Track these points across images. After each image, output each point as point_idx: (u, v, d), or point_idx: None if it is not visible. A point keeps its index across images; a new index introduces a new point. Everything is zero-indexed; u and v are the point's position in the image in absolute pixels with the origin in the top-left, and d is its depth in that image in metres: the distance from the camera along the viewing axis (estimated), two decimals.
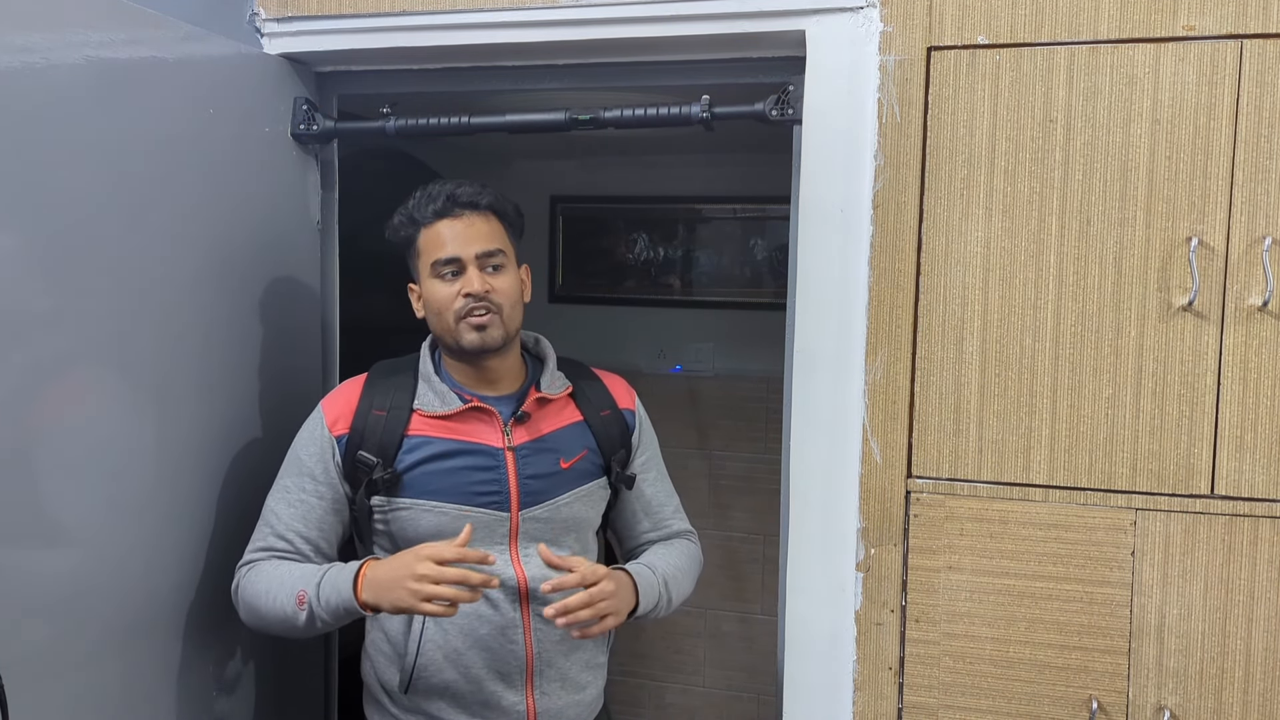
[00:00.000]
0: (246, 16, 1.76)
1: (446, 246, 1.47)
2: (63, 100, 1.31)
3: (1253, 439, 1.43)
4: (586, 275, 3.23)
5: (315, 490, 1.50)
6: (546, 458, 1.52)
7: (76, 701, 1.36)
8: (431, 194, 1.50)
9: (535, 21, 1.66)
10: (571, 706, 1.55)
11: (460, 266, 1.47)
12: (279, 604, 1.43)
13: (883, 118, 1.52)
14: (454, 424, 1.50)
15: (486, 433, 1.50)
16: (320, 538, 1.51)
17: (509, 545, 1.49)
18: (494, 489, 1.48)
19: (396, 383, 1.53)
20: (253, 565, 1.49)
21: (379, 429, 1.48)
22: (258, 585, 1.46)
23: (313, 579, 1.42)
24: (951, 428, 1.53)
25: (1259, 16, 1.38)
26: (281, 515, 1.50)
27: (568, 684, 1.54)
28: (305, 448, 1.51)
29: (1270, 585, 1.43)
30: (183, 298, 1.54)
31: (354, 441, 1.49)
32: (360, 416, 1.50)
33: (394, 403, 1.50)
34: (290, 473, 1.52)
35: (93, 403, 1.39)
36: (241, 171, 1.68)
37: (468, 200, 1.49)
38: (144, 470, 1.48)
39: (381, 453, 1.48)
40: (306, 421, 1.54)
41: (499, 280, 1.49)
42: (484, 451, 1.49)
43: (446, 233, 1.48)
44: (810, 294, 1.59)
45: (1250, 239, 1.41)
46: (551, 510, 1.52)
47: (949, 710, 1.54)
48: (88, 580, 1.38)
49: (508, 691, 1.49)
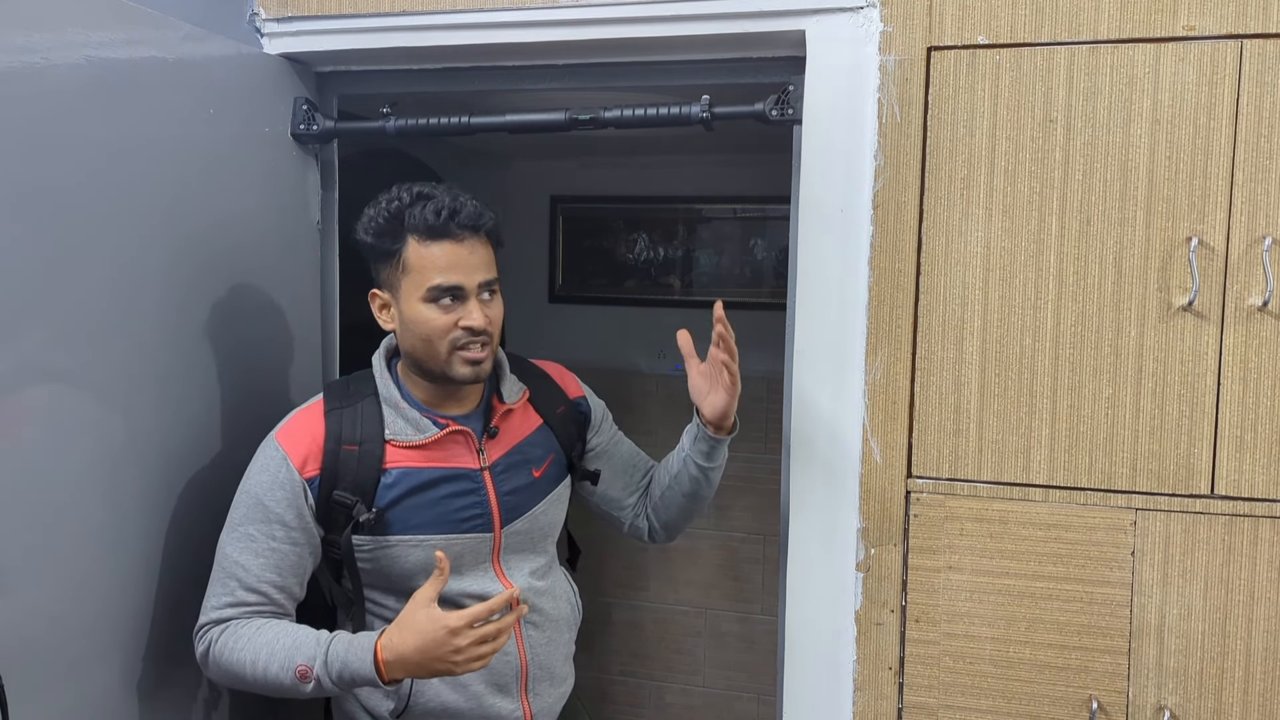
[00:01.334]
0: (246, 16, 1.76)
1: (449, 273, 1.37)
2: (63, 100, 1.31)
3: (1253, 439, 1.43)
4: (586, 275, 3.23)
5: (288, 537, 1.39)
6: (520, 471, 1.51)
7: (75, 698, 1.36)
8: (428, 207, 1.37)
9: (535, 21, 1.66)
10: (558, 701, 1.61)
11: (461, 295, 1.38)
12: (271, 675, 1.33)
13: (883, 118, 1.52)
14: (430, 451, 1.44)
15: (462, 455, 1.46)
16: (295, 584, 1.43)
17: (491, 562, 1.49)
18: (477, 512, 1.45)
19: (360, 412, 1.43)
20: (226, 626, 1.38)
21: (353, 466, 1.39)
22: (240, 654, 1.35)
23: (313, 652, 1.33)
24: (951, 428, 1.53)
25: (1259, 16, 1.38)
26: (250, 567, 1.38)
27: (555, 680, 1.58)
28: (269, 493, 1.39)
29: (1270, 585, 1.43)
30: (182, 298, 1.54)
31: (328, 482, 1.39)
32: (330, 455, 1.39)
33: (364, 435, 1.41)
34: (254, 520, 1.38)
35: (91, 401, 1.38)
36: (241, 171, 1.68)
37: (470, 221, 1.38)
38: (144, 467, 1.48)
39: (360, 492, 1.39)
40: (261, 460, 1.41)
41: (494, 309, 1.42)
42: (463, 476, 1.45)
43: (448, 258, 1.37)
44: (810, 294, 1.59)
45: (1250, 239, 1.41)
46: (530, 521, 1.52)
47: (949, 710, 1.54)
48: (90, 578, 1.38)
49: (505, 700, 1.50)
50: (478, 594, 1.44)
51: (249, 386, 1.70)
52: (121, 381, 1.43)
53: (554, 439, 1.58)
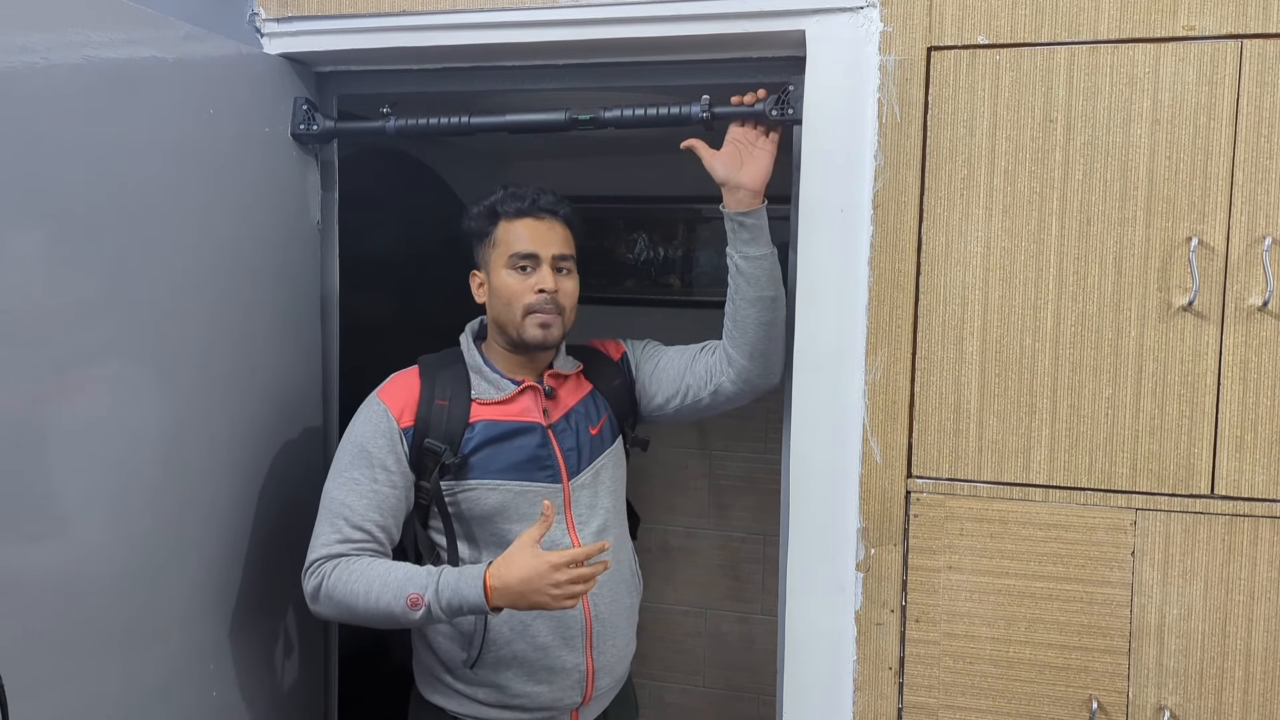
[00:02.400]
0: (246, 16, 1.76)
1: (527, 242, 1.60)
2: (62, 100, 1.31)
3: (1253, 439, 1.43)
4: (586, 275, 3.22)
5: (389, 480, 1.57)
6: (578, 429, 1.66)
7: (75, 698, 1.36)
8: (518, 193, 1.63)
9: (535, 21, 1.66)
10: (620, 662, 1.71)
11: (537, 263, 1.60)
12: (384, 604, 1.47)
13: (883, 118, 1.52)
14: (508, 407, 1.63)
15: (533, 411, 1.64)
16: (394, 525, 1.59)
17: (564, 515, 1.62)
18: (547, 462, 1.61)
19: (451, 374, 1.63)
20: (338, 562, 1.52)
21: (444, 418, 1.59)
22: (353, 585, 1.49)
23: (425, 583, 1.47)
24: (951, 428, 1.53)
25: (1259, 16, 1.38)
26: (355, 507, 1.55)
27: (618, 638, 1.69)
28: (373, 440, 1.57)
29: (1270, 585, 1.43)
30: (182, 298, 1.54)
31: (420, 431, 1.58)
32: (424, 407, 1.59)
33: (453, 393, 1.61)
34: (358, 465, 1.56)
35: (93, 400, 1.38)
36: (241, 171, 1.68)
37: (549, 206, 1.63)
38: (143, 468, 1.48)
39: (448, 440, 1.58)
40: (364, 414, 1.60)
41: (567, 283, 1.64)
42: (534, 429, 1.62)
43: (529, 231, 1.61)
44: (810, 294, 1.59)
45: (1250, 239, 1.41)
46: (592, 475, 1.65)
47: (949, 710, 1.54)
48: (90, 577, 1.38)
49: (570, 654, 1.61)
50: (552, 545, 1.55)
51: (248, 386, 1.70)
52: (115, 380, 1.42)
53: (605, 403, 1.72)
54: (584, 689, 1.63)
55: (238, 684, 1.68)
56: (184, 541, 1.56)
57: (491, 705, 1.62)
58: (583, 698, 1.65)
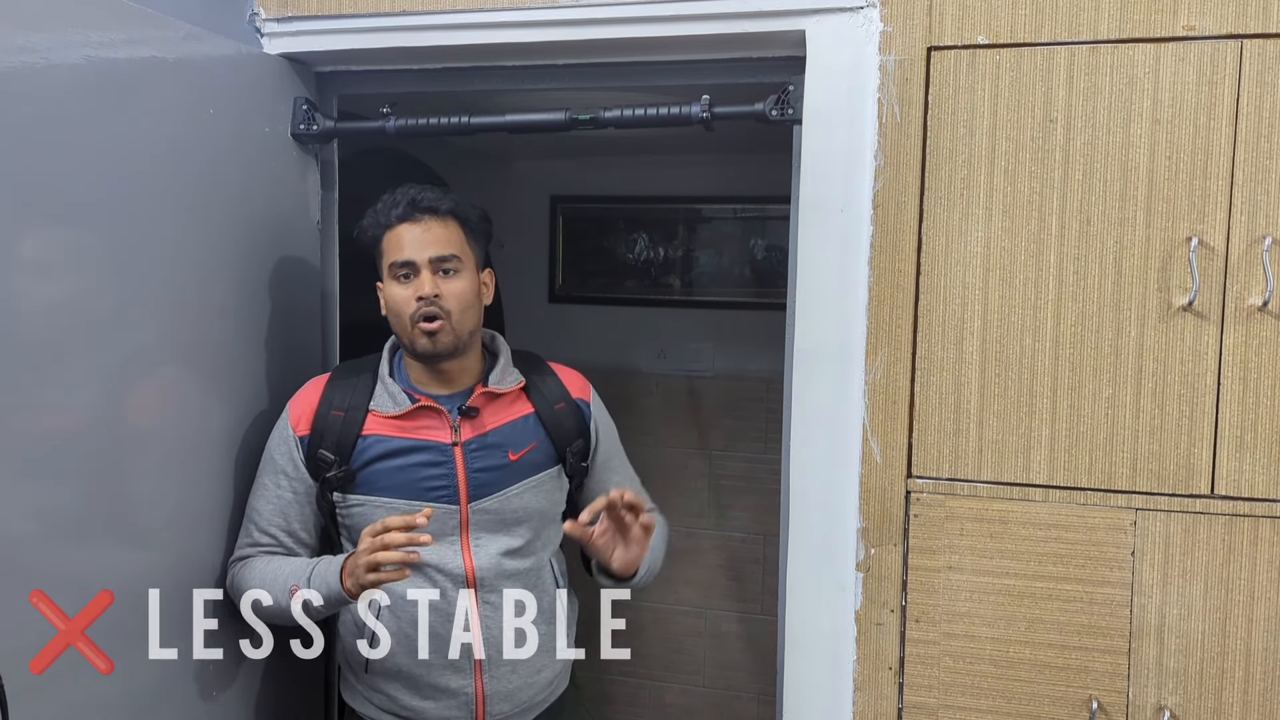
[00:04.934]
0: (246, 16, 1.76)
1: (404, 250, 1.53)
2: (62, 100, 1.31)
3: (1253, 439, 1.43)
4: (586, 275, 3.23)
5: (289, 485, 1.58)
6: (494, 451, 1.58)
7: (79, 698, 1.36)
8: (396, 198, 1.55)
9: (535, 21, 1.66)
10: (524, 689, 1.61)
11: (414, 270, 1.52)
12: (273, 596, 1.51)
13: (883, 118, 1.52)
14: (405, 423, 1.56)
15: (436, 430, 1.56)
16: (300, 528, 1.60)
17: (459, 536, 1.56)
18: (443, 484, 1.55)
19: (355, 383, 1.60)
20: (244, 562, 1.58)
21: (336, 428, 1.56)
22: (250, 581, 1.54)
23: (303, 573, 1.51)
24: (951, 428, 1.53)
25: (1259, 16, 1.38)
26: (262, 512, 1.59)
27: (518, 668, 1.60)
28: (276, 446, 1.60)
29: (1270, 585, 1.43)
30: (181, 298, 1.54)
31: (314, 440, 1.57)
32: (320, 417, 1.58)
33: (351, 403, 1.58)
34: (266, 471, 1.60)
35: (90, 402, 1.38)
36: (241, 171, 1.68)
37: (428, 206, 1.54)
38: (143, 468, 1.48)
39: (339, 451, 1.56)
40: (278, 421, 1.62)
41: (450, 285, 1.53)
42: (433, 448, 1.56)
43: (405, 236, 1.53)
44: (810, 294, 1.59)
45: (1250, 239, 1.41)
46: (501, 501, 1.57)
47: (949, 710, 1.54)
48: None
49: (455, 676, 1.56)
50: (437, 565, 1.54)
51: (247, 386, 1.70)
52: (112, 379, 1.42)
53: (542, 429, 1.63)
54: (474, 712, 1.58)
55: (238, 684, 1.68)
56: (184, 541, 1.56)
57: (384, 711, 1.61)
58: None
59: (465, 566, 1.55)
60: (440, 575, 1.54)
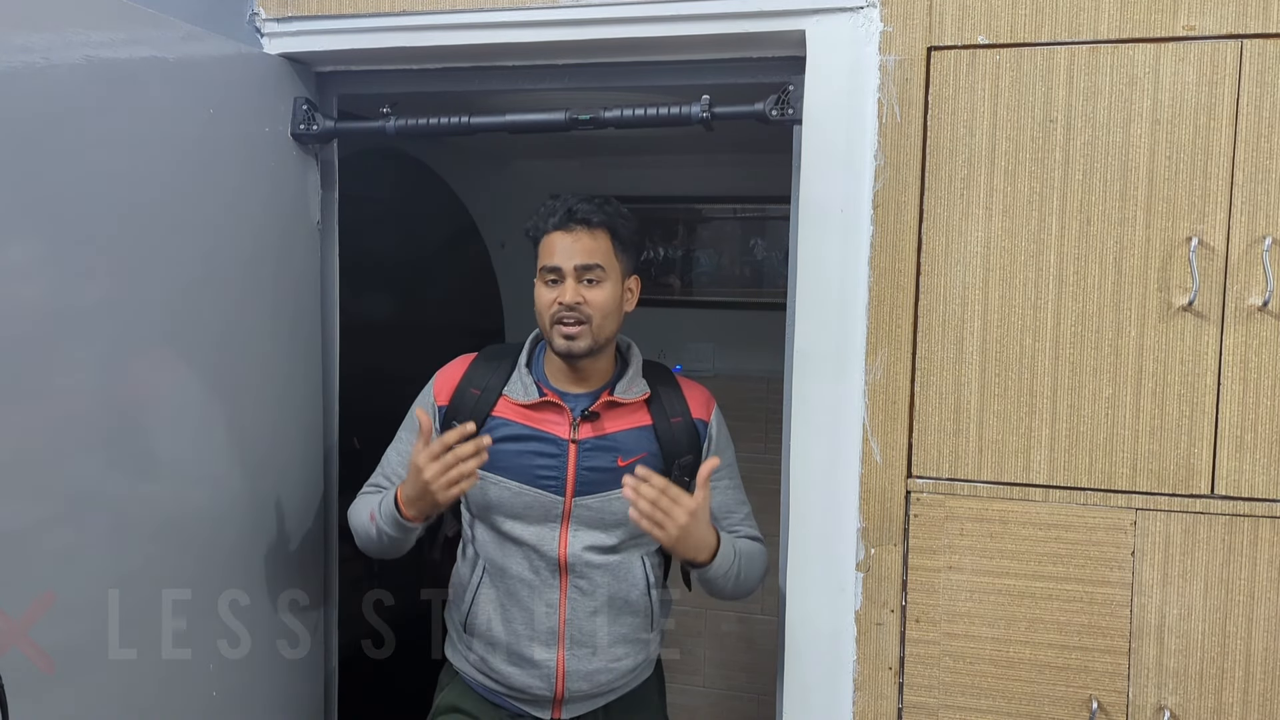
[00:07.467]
0: (246, 16, 1.76)
1: (554, 256, 1.63)
2: (63, 100, 1.31)
3: (1253, 439, 1.43)
4: None
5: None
6: (605, 454, 1.66)
7: (75, 699, 1.36)
8: (555, 206, 1.66)
9: (535, 21, 1.66)
10: (604, 671, 1.69)
11: (560, 276, 1.63)
12: (361, 522, 1.68)
13: (883, 118, 1.52)
14: (532, 412, 1.67)
15: (557, 424, 1.67)
16: None
17: (560, 525, 1.65)
18: (553, 475, 1.65)
19: (496, 367, 1.73)
20: (360, 496, 1.75)
21: (471, 404, 1.69)
22: (353, 510, 1.73)
23: (376, 504, 1.65)
24: (951, 428, 1.53)
25: (1259, 16, 1.38)
26: (390, 460, 1.75)
27: (599, 652, 1.68)
28: (419, 407, 1.73)
29: (1270, 585, 1.43)
30: (182, 297, 1.54)
31: (450, 412, 1.69)
32: (460, 392, 1.71)
33: (489, 385, 1.71)
34: (405, 427, 1.75)
35: (89, 402, 1.38)
36: (241, 171, 1.68)
37: (582, 217, 1.64)
38: (142, 467, 1.48)
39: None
40: (424, 388, 1.76)
41: (593, 293, 1.63)
42: (551, 440, 1.66)
43: (557, 244, 1.64)
44: (810, 294, 1.59)
45: (1250, 239, 1.41)
46: (603, 501, 1.65)
47: (949, 710, 1.54)
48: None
49: (541, 649, 1.66)
50: (532, 543, 1.65)
51: (247, 386, 1.70)
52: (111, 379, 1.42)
53: (655, 442, 1.70)
54: (554, 685, 1.67)
55: (238, 684, 1.68)
56: (183, 540, 1.56)
57: (475, 669, 1.73)
58: (554, 694, 1.67)
59: (560, 553, 1.64)
60: (537, 556, 1.65)
